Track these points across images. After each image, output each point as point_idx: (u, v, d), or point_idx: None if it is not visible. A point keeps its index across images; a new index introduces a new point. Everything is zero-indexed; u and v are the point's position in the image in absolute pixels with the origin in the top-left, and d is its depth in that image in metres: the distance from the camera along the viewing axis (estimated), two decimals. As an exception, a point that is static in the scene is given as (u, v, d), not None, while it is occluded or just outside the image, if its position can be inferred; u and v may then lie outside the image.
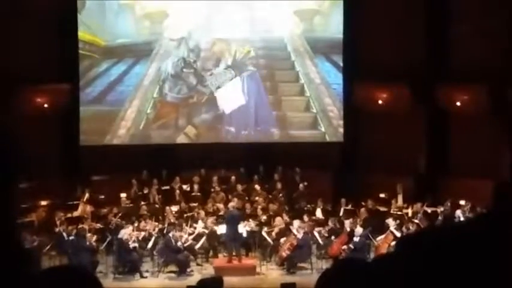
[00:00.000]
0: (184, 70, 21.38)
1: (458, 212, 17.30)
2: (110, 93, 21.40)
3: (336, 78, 21.57)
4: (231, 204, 17.58)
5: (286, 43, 21.73)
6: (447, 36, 20.80)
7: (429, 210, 18.20)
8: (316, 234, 17.12)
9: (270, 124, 21.70)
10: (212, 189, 19.72)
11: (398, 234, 16.57)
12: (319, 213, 18.64)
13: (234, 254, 16.82)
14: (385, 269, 2.17)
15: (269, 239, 17.23)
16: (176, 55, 21.40)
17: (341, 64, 21.48)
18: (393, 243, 16.48)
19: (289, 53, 21.76)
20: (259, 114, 21.64)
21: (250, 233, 17.28)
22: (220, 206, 18.61)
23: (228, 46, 21.46)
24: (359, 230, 16.62)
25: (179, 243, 16.53)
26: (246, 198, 19.19)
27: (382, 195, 19.43)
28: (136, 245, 16.49)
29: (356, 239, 16.51)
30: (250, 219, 17.70)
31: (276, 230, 17.35)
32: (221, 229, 17.14)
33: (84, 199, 19.03)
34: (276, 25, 21.67)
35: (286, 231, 17.28)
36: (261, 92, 21.69)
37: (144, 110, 21.42)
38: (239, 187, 19.59)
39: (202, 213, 18.06)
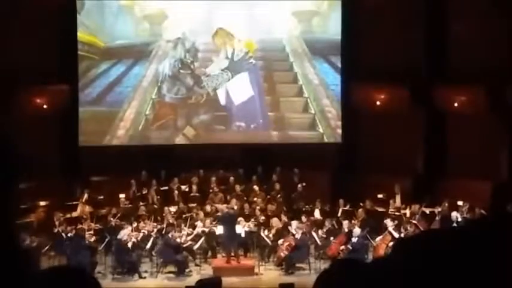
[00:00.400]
0: (181, 71, 21.41)
1: (455, 214, 17.24)
2: (108, 94, 21.40)
3: (334, 79, 21.59)
4: (224, 206, 17.62)
5: (285, 44, 21.75)
6: (445, 37, 20.81)
7: (427, 211, 18.19)
8: (314, 234, 17.14)
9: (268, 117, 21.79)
10: (211, 190, 19.72)
11: (396, 235, 16.60)
12: (317, 214, 18.63)
13: (232, 254, 16.84)
14: (383, 270, 2.18)
15: (267, 240, 17.25)
16: (173, 56, 21.41)
17: (339, 65, 21.49)
18: (391, 243, 16.51)
19: (287, 54, 21.77)
20: (262, 106, 21.73)
21: (249, 233, 17.28)
22: (219, 206, 18.60)
23: (230, 39, 21.43)
24: (357, 230, 16.63)
25: (178, 243, 16.57)
26: (245, 198, 19.20)
27: (380, 196, 19.41)
28: (135, 240, 16.49)
29: (354, 239, 16.52)
30: (249, 220, 17.71)
31: (273, 231, 17.37)
32: (220, 230, 17.15)
33: (83, 199, 19.02)
34: (274, 26, 21.68)
35: (284, 231, 17.30)
36: (260, 85, 21.75)
37: (143, 111, 21.42)
38: (238, 188, 19.58)
39: (201, 213, 18.07)
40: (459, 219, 17.03)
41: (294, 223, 17.21)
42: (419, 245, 2.10)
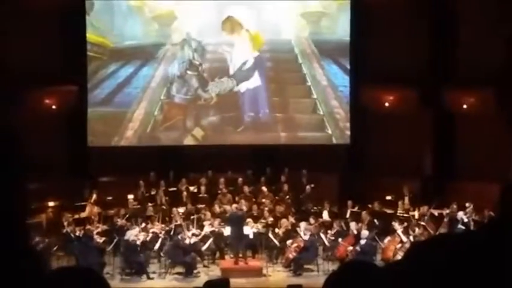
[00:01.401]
0: (188, 72, 21.42)
1: (461, 213, 17.21)
2: (117, 94, 21.43)
3: (343, 81, 21.56)
4: (234, 206, 17.59)
5: (294, 45, 21.73)
6: (454, 38, 20.77)
7: (436, 212, 18.15)
8: (322, 236, 17.12)
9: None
10: (219, 191, 19.70)
11: (404, 237, 16.59)
12: (325, 215, 18.60)
13: (240, 255, 16.83)
14: (393, 273, 2.15)
15: (276, 241, 17.23)
16: (182, 57, 21.43)
17: (348, 66, 21.46)
18: (399, 245, 16.51)
19: (296, 56, 21.76)
20: (268, 96, 21.83)
21: (257, 234, 17.27)
22: (227, 207, 18.58)
23: (238, 27, 21.40)
24: (365, 232, 16.61)
25: (187, 244, 16.57)
26: (253, 200, 19.18)
27: (388, 198, 19.38)
28: (143, 241, 16.49)
29: (362, 241, 16.50)
30: (257, 221, 17.70)
31: (283, 229, 17.35)
32: (228, 231, 17.17)
33: (92, 200, 19.05)
34: (283, 27, 21.69)
35: (292, 232, 17.29)
36: (265, 75, 21.80)
37: (152, 112, 21.44)
38: (246, 189, 19.54)
39: (209, 214, 18.07)
40: (465, 220, 17.02)
41: (302, 224, 17.19)
42: (432, 250, 2.07)
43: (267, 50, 21.59)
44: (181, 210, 18.58)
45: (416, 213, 18.14)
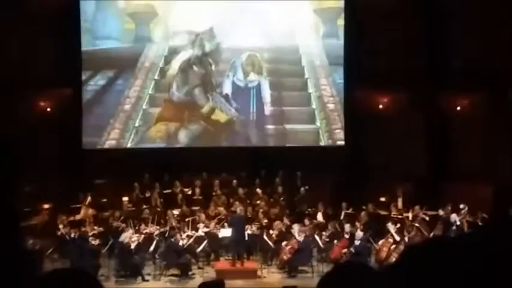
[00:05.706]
0: (194, 67, 21.21)
1: (454, 216, 17.23)
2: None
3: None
4: (239, 208, 17.50)
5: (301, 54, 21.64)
6: (447, 40, 20.83)
7: (428, 214, 18.13)
8: (317, 237, 17.14)
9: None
10: (214, 193, 19.72)
11: (398, 238, 16.63)
12: (320, 217, 18.64)
13: (237, 257, 16.82)
14: (387, 275, 2.16)
15: (270, 243, 17.25)
16: (188, 52, 21.20)
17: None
18: (393, 246, 16.54)
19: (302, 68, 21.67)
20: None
21: (252, 236, 17.29)
22: (222, 209, 18.61)
23: (258, 68, 21.41)
24: (359, 233, 16.63)
25: (182, 245, 16.56)
26: (248, 202, 19.19)
27: (382, 199, 19.41)
28: (137, 243, 16.49)
29: (357, 242, 16.52)
30: (252, 223, 17.72)
31: (276, 232, 17.35)
32: (223, 232, 17.16)
33: (87, 202, 19.02)
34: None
35: (287, 234, 17.30)
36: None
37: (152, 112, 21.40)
38: (240, 191, 19.57)
39: (204, 216, 18.07)
40: (458, 223, 17.05)
41: (297, 226, 17.20)
42: (426, 252, 2.08)
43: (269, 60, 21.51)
44: (176, 212, 18.60)
45: (410, 215, 18.16)
